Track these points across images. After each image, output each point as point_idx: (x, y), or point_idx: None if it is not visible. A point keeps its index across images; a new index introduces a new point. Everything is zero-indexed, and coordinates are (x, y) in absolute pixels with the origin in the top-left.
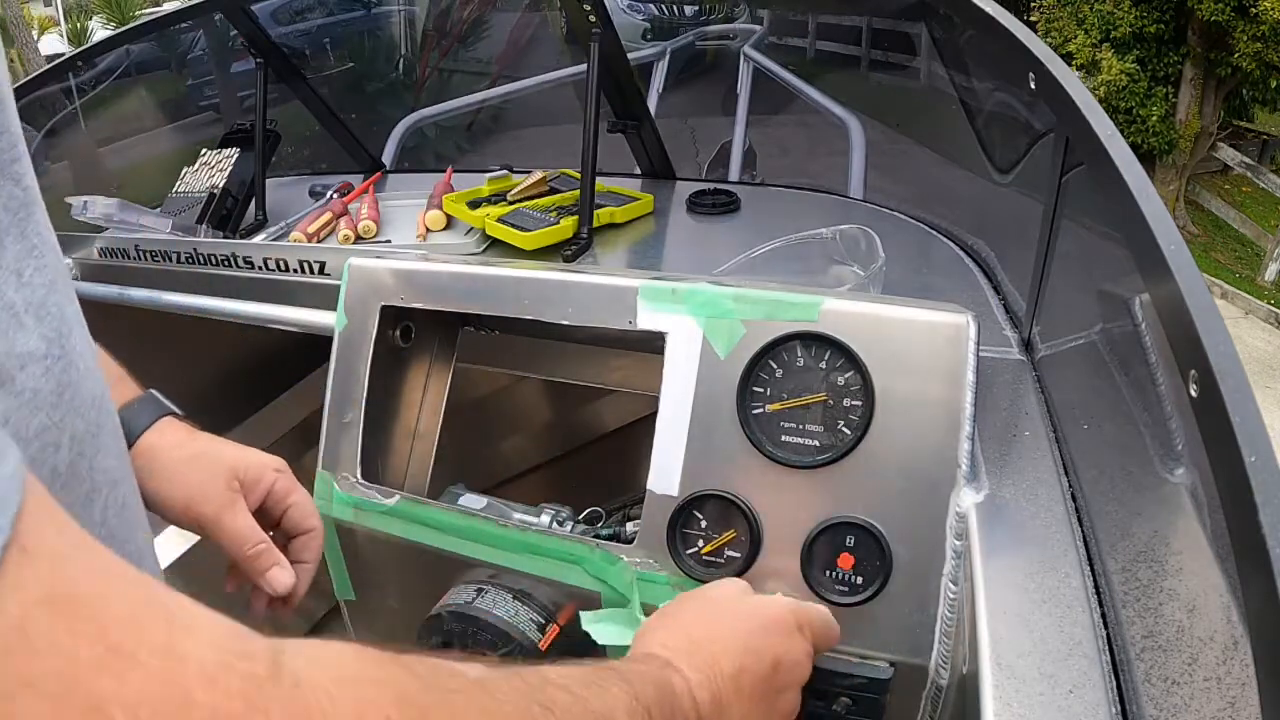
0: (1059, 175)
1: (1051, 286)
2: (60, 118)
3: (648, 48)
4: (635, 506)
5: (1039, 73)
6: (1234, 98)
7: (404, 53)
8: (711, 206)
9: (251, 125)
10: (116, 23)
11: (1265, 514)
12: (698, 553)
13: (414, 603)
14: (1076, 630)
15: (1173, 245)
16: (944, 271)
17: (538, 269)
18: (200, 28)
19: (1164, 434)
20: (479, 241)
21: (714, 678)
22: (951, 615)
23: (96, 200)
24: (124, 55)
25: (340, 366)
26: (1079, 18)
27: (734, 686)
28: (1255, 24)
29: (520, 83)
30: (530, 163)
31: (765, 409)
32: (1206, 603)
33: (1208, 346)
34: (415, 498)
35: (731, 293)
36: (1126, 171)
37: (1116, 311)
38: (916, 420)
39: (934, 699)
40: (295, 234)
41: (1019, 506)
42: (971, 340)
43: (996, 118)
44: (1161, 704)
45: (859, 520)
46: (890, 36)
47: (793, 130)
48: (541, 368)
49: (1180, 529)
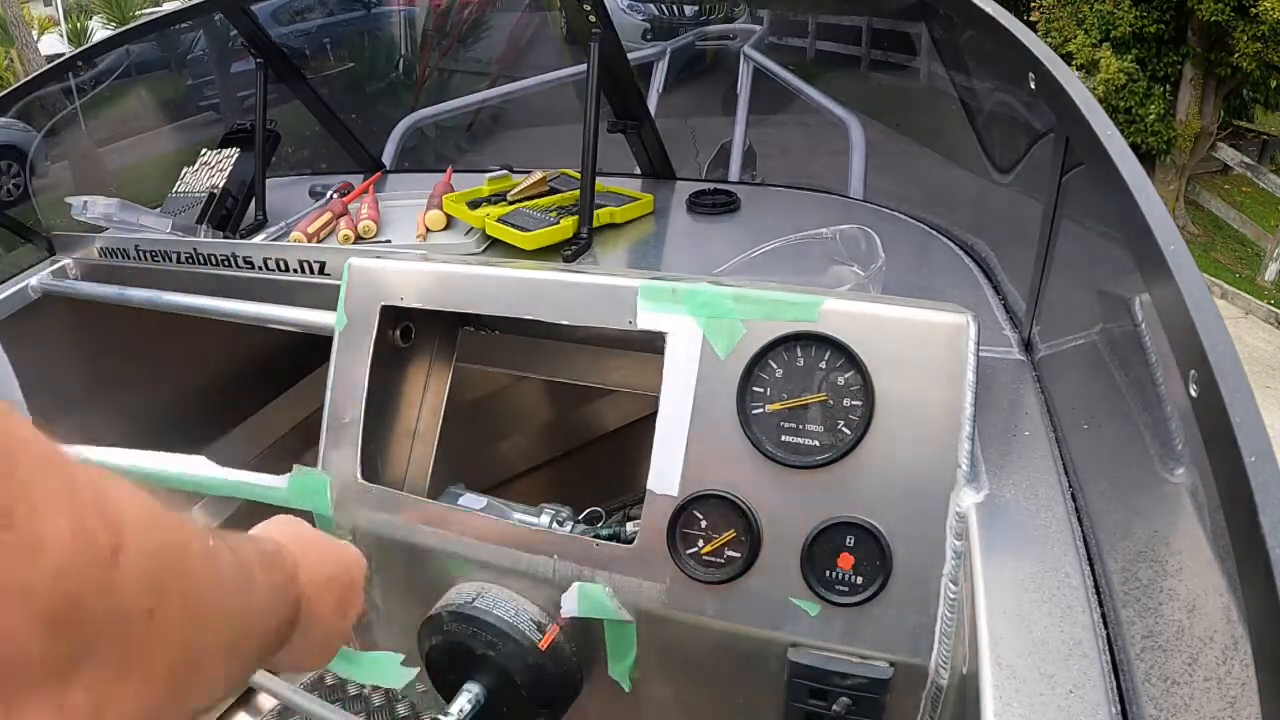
0: (1059, 175)
1: (1051, 286)
2: (60, 118)
3: (648, 48)
4: (635, 506)
5: (1039, 73)
6: (1234, 98)
7: (404, 53)
8: (711, 206)
9: (251, 125)
10: (116, 23)
11: (1265, 514)
12: (698, 553)
13: (414, 603)
14: (1076, 630)
15: (1173, 245)
16: (944, 271)
17: (538, 269)
18: (200, 28)
19: (1164, 434)
20: (479, 241)
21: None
22: (951, 615)
23: (96, 200)
24: (124, 55)
25: (340, 366)
26: (1079, 18)
27: (323, 592)
28: (1255, 24)
29: (520, 83)
30: (530, 163)
31: (765, 409)
32: (1206, 603)
33: (1208, 346)
34: (415, 498)
35: (731, 293)
36: (1126, 171)
37: (1116, 311)
38: (916, 420)
39: (934, 699)
40: (295, 234)
41: (1019, 506)
42: (971, 340)
43: (996, 118)
44: (1161, 704)
45: (859, 520)
46: (890, 36)
47: (793, 130)
48: (541, 368)
49: (1180, 529)
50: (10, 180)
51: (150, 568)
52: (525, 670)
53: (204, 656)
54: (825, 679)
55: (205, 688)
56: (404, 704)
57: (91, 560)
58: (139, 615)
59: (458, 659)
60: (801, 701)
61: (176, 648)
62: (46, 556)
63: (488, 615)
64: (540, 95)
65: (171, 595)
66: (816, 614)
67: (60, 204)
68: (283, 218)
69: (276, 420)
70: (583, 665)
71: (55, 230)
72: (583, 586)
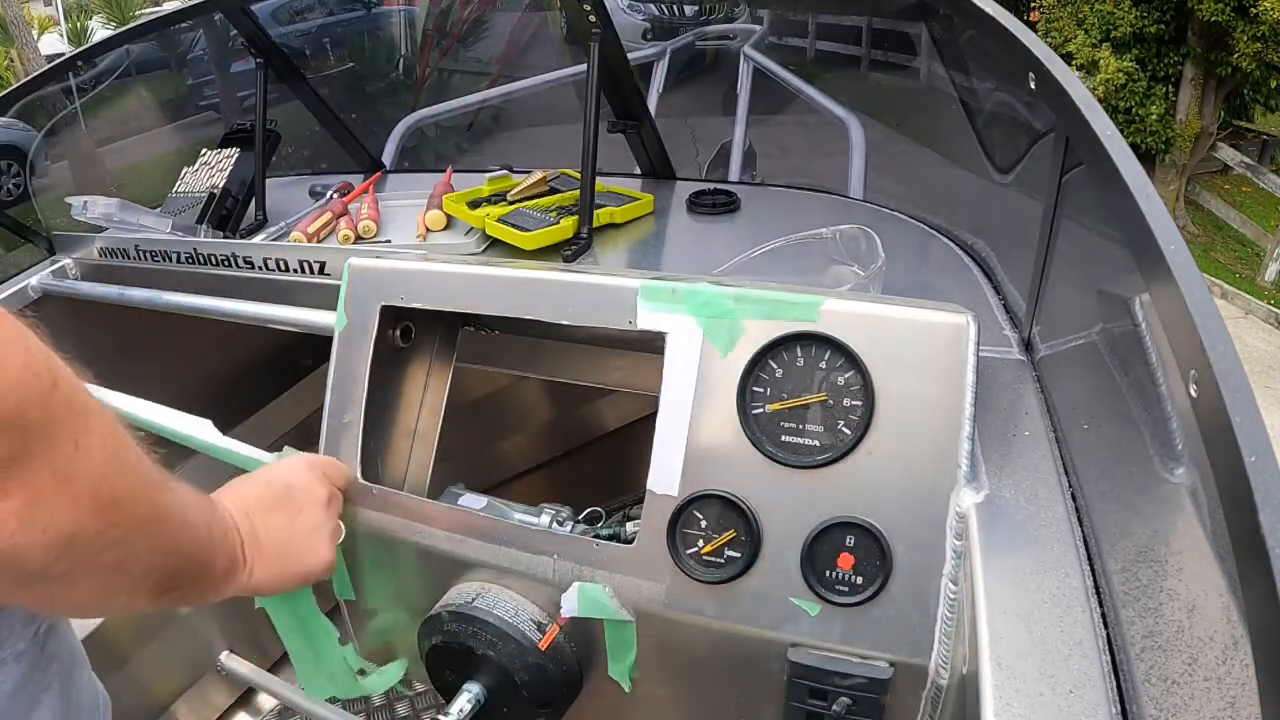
0: (1059, 175)
1: (1051, 286)
2: (60, 118)
3: (648, 48)
4: (635, 506)
5: (1039, 73)
6: (1234, 98)
7: (404, 53)
8: (711, 206)
9: (251, 125)
10: (116, 23)
11: (1265, 514)
12: (698, 553)
13: (414, 603)
14: (1076, 630)
15: (1173, 245)
16: (944, 271)
17: (538, 269)
18: (200, 28)
19: (1164, 434)
20: (479, 241)
21: (240, 498)
22: (951, 615)
23: (96, 200)
24: (124, 55)
25: (340, 366)
26: (1079, 18)
27: (256, 504)
28: (1255, 24)
29: (520, 83)
30: (530, 163)
31: (765, 409)
32: (1206, 603)
33: (1208, 346)
34: (415, 497)
35: (731, 293)
36: (1126, 171)
37: (1116, 311)
38: (916, 420)
39: (934, 699)
40: (295, 234)
41: (1019, 506)
42: (971, 340)
43: (996, 118)
44: (1161, 704)
45: (859, 520)
46: (890, 36)
47: (793, 130)
48: (541, 368)
49: (1180, 529)
50: (10, 180)
51: (76, 400)
52: (525, 670)
53: (126, 508)
54: (825, 679)
55: (130, 558)
56: (404, 704)
57: (35, 382)
58: (66, 442)
59: (458, 659)
60: (801, 701)
61: (100, 484)
62: (4, 371)
63: (488, 615)
64: (540, 95)
65: (93, 435)
66: (816, 614)
67: (60, 204)
68: (283, 218)
69: (276, 420)
70: (583, 665)
71: (55, 230)
72: (583, 586)
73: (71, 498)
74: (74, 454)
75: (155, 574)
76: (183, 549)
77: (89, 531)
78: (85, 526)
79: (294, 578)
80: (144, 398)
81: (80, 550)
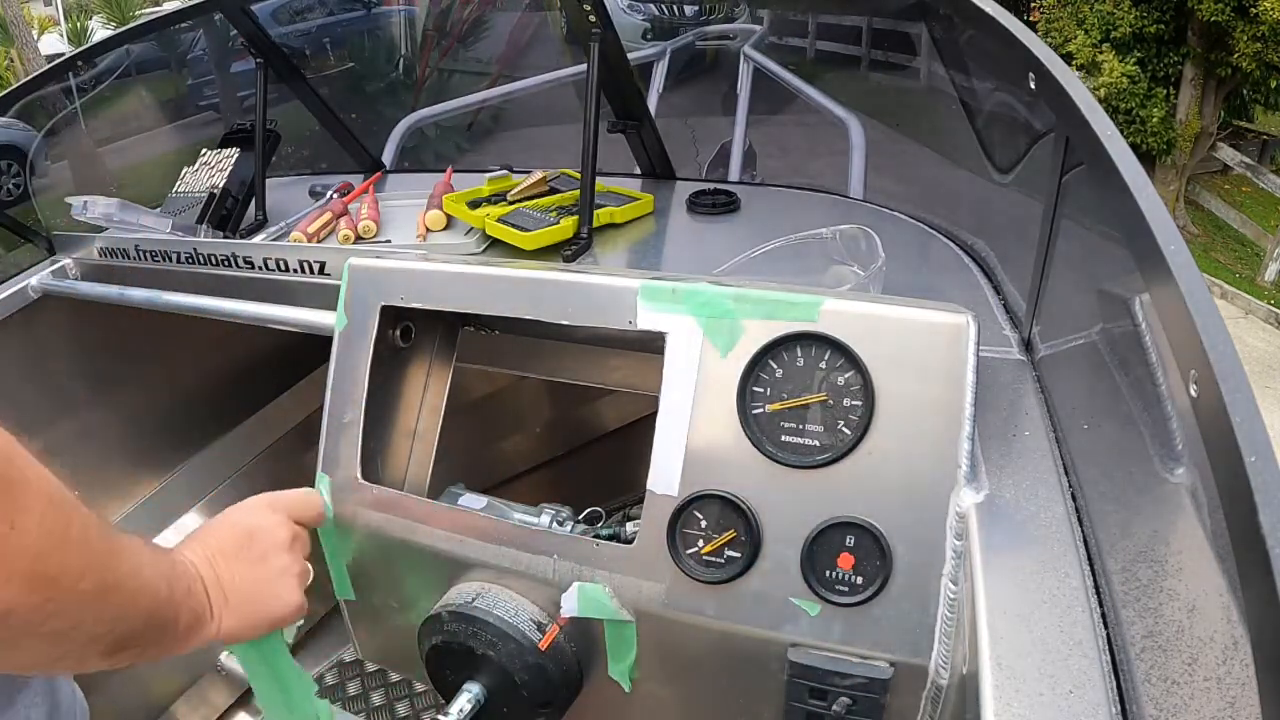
0: (1059, 175)
1: (1051, 286)
2: (60, 118)
3: (648, 48)
4: (635, 506)
5: (1039, 73)
6: (1234, 98)
7: (404, 53)
8: (711, 206)
9: (251, 125)
10: (116, 23)
11: (1265, 514)
12: (698, 553)
13: (414, 603)
14: (1076, 630)
15: (1173, 245)
16: (944, 271)
17: (538, 269)
18: (200, 28)
19: (1164, 434)
20: (479, 241)
21: (204, 546)
22: (951, 615)
23: (96, 200)
24: (124, 55)
25: (340, 366)
26: (1079, 18)
27: (219, 551)
28: (1255, 24)
29: (520, 83)
30: (530, 163)
31: (765, 409)
32: (1206, 603)
33: (1208, 346)
34: (415, 498)
35: (731, 293)
36: (1126, 172)
37: (1116, 311)
38: (916, 420)
39: (934, 699)
40: (295, 234)
41: (1019, 506)
42: (971, 340)
43: (996, 118)
44: (1161, 704)
45: (859, 520)
46: (890, 36)
47: (793, 130)
48: (541, 368)
49: (1180, 529)
50: (10, 180)
51: (14, 476)
52: (525, 670)
53: (67, 582)
54: (825, 679)
55: (75, 627)
56: (404, 704)
57: None
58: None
59: (458, 659)
60: (801, 701)
61: (36, 561)
62: None
63: (488, 615)
64: (540, 95)
65: (29, 514)
66: (816, 614)
67: (60, 204)
68: (283, 218)
69: (276, 420)
70: (583, 665)
71: (55, 230)
72: (583, 586)
73: (3, 578)
74: (9, 533)
75: (105, 639)
76: (138, 612)
77: (25, 607)
78: (21, 603)
79: (263, 623)
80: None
81: (16, 624)
